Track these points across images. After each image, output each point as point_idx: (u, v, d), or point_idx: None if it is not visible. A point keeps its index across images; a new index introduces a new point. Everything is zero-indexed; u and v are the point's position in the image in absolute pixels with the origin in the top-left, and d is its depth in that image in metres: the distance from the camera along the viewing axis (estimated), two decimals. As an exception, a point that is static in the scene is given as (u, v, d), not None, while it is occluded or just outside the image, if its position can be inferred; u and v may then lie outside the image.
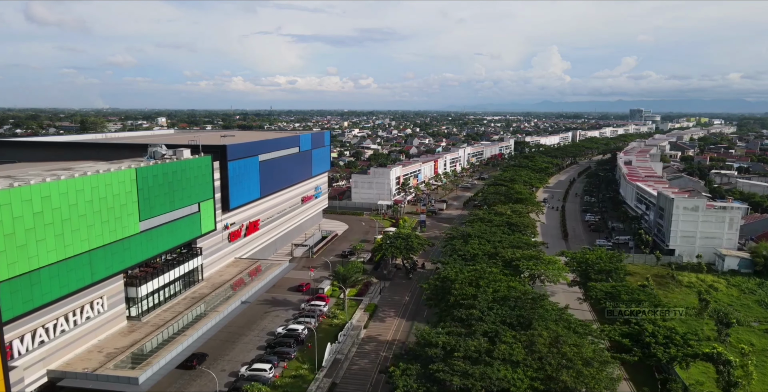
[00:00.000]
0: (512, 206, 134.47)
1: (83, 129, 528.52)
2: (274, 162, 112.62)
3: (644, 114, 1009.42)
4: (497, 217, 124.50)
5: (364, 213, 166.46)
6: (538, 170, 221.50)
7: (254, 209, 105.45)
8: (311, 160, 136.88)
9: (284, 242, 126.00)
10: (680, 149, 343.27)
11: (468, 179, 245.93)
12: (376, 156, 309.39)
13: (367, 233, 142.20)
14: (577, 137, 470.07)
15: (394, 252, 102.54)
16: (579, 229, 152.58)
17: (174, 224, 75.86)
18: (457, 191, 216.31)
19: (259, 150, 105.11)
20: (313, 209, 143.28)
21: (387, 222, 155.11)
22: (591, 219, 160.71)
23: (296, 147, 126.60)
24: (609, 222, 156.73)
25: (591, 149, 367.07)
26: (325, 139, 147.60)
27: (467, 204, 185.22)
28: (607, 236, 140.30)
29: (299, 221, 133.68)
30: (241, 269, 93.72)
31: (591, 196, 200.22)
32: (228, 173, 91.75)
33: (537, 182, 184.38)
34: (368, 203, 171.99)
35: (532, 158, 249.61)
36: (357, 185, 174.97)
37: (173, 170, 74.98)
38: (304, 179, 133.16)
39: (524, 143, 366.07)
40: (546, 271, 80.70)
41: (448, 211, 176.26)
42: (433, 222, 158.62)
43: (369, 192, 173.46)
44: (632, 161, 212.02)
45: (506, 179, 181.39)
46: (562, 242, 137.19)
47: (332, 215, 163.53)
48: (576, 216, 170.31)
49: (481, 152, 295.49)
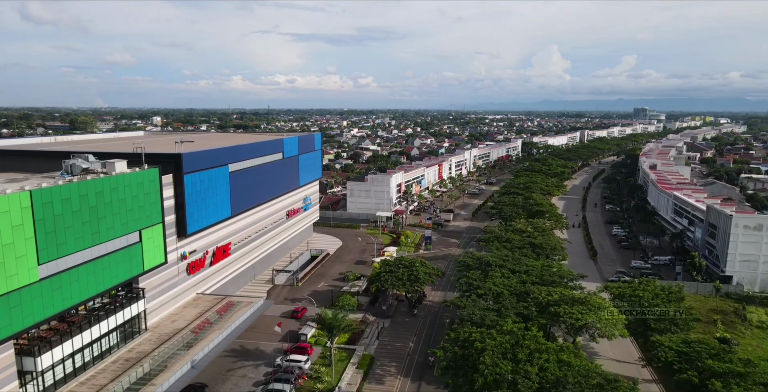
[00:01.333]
0: (532, 222, 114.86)
1: (73, 129, 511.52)
2: (250, 172, 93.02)
3: (648, 113, 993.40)
4: (516, 235, 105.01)
5: (361, 226, 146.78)
6: (552, 175, 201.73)
7: (223, 230, 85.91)
8: (298, 167, 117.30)
9: (266, 266, 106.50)
10: (698, 150, 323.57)
11: (475, 183, 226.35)
12: (375, 158, 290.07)
13: (363, 252, 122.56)
14: (585, 137, 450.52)
15: (395, 284, 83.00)
16: (607, 245, 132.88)
17: (100, 262, 56.33)
18: (464, 197, 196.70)
19: (229, 158, 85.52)
20: (301, 223, 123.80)
21: (386, 237, 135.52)
22: (619, 233, 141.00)
23: (279, 153, 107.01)
24: (640, 237, 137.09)
25: (602, 149, 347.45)
26: (315, 142, 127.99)
27: (476, 214, 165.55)
28: (642, 255, 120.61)
29: (284, 239, 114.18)
30: (203, 309, 74.20)
31: (613, 204, 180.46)
32: (184, 189, 72.19)
33: (554, 189, 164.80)
34: (366, 213, 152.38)
35: (544, 161, 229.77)
36: (353, 193, 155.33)
37: (98, 189, 55.40)
38: (289, 189, 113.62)
39: (532, 143, 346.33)
40: (597, 322, 61.02)
41: (456, 222, 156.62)
42: (440, 237, 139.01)
43: (366, 202, 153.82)
44: (657, 165, 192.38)
45: (520, 186, 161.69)
46: (590, 264, 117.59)
47: (324, 229, 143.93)
48: (600, 229, 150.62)
49: (488, 153, 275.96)
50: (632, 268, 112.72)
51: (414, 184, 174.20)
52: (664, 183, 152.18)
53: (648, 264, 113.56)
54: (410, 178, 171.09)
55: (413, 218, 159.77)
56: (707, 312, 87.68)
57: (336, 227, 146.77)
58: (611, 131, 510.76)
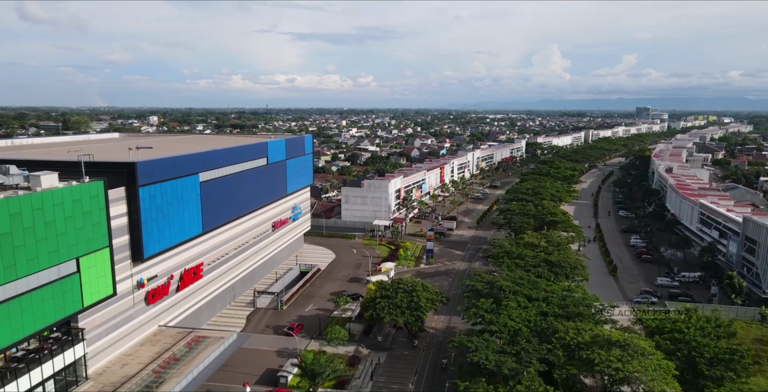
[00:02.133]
0: (546, 234, 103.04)
1: (65, 129, 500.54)
2: (227, 181, 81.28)
3: (651, 112, 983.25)
4: (529, 251, 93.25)
5: (356, 236, 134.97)
6: (561, 179, 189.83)
7: (193, 250, 74.18)
8: (285, 173, 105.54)
9: (249, 284, 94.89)
10: (709, 150, 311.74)
11: (478, 187, 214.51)
12: (373, 159, 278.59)
13: (358, 267, 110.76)
14: (590, 137, 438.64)
15: (392, 313, 71.23)
16: (626, 258, 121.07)
17: (17, 303, 44.64)
18: (468, 202, 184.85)
19: (200, 166, 73.76)
20: (289, 235, 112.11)
21: (384, 249, 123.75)
22: (638, 244, 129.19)
23: (263, 158, 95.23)
24: (662, 249, 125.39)
25: (609, 150, 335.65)
26: (305, 145, 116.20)
27: (482, 221, 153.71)
28: (668, 271, 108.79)
29: (270, 254, 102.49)
30: (163, 347, 62.46)
31: (627, 210, 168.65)
32: (140, 205, 60.44)
33: (566, 194, 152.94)
34: (362, 222, 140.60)
35: (551, 164, 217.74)
36: (348, 200, 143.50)
37: (14, 211, 43.71)
38: (275, 199, 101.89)
39: (536, 144, 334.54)
40: (642, 374, 49.11)
41: (459, 231, 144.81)
42: (442, 248, 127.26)
43: (362, 209, 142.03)
44: (673, 168, 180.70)
45: (528, 192, 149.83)
46: (610, 281, 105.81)
47: (317, 239, 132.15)
48: (616, 239, 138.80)
49: (491, 155, 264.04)
50: (658, 286, 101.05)
51: (414, 189, 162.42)
52: (685, 189, 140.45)
53: (675, 282, 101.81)
54: (410, 183, 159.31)
55: (413, 226, 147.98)
56: (752, 343, 75.96)
57: (329, 237, 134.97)
58: (616, 131, 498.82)
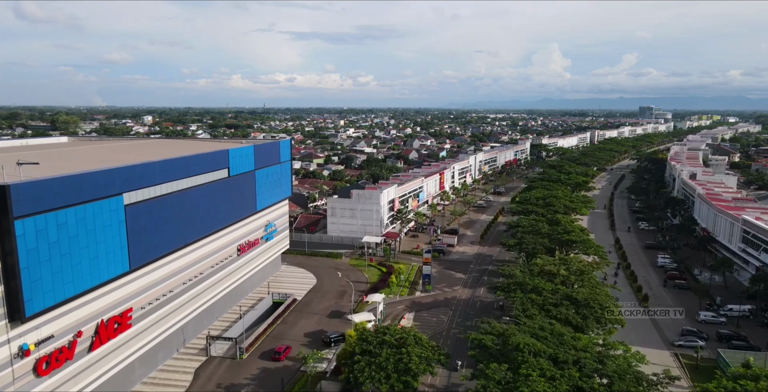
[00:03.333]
0: (565, 260, 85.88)
1: (53, 128, 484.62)
2: (167, 202, 64.24)
3: (654, 112, 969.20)
4: (548, 283, 76.21)
5: (343, 255, 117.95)
6: (573, 185, 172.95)
7: (115, 294, 57.03)
8: (254, 186, 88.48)
9: (205, 323, 78.02)
10: (724, 152, 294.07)
11: (481, 194, 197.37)
12: (369, 162, 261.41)
13: (342, 296, 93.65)
14: (596, 138, 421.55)
15: (375, 377, 54.23)
16: (655, 283, 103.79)
17: None
18: (470, 211, 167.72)
19: (123, 184, 56.62)
20: (262, 257, 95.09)
21: (374, 272, 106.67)
22: (668, 265, 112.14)
23: (223, 169, 78.18)
24: (695, 271, 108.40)
25: (618, 152, 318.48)
26: (280, 152, 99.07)
27: (486, 235, 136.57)
28: (709, 302, 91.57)
29: (236, 283, 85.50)
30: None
31: (648, 222, 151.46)
32: (16, 244, 43.42)
33: (581, 206, 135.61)
34: (350, 237, 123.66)
35: (561, 168, 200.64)
36: (334, 212, 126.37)
37: None
38: (240, 217, 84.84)
39: (541, 145, 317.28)
40: None
41: (461, 247, 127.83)
42: (441, 269, 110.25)
43: (351, 223, 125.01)
44: (697, 174, 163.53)
45: (538, 203, 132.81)
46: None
47: (298, 259, 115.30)
48: (640, 257, 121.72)
49: (495, 158, 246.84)
50: (701, 322, 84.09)
51: (411, 198, 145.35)
52: (718, 200, 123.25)
53: (722, 317, 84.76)
54: (406, 191, 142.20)
55: (409, 242, 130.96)
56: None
57: (312, 255, 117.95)
58: (621, 131, 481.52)
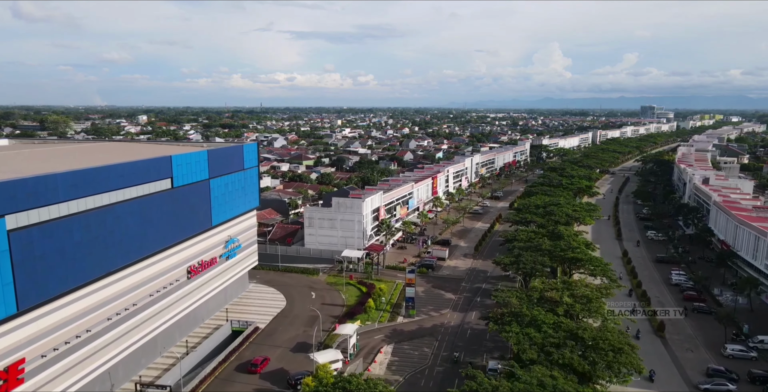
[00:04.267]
0: (569, 284, 73.70)
1: (42, 128, 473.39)
2: (76, 223, 52.14)
3: (656, 111, 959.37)
4: (549, 315, 64.15)
5: (320, 271, 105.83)
6: (576, 191, 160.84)
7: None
8: (209, 198, 76.46)
9: (143, 362, 65.95)
10: (733, 153, 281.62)
11: (478, 198, 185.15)
12: (361, 164, 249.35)
13: (312, 323, 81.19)
14: (598, 138, 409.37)
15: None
16: (671, 306, 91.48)
17: None
18: (465, 219, 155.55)
19: (4, 204, 44.56)
20: (222, 278, 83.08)
21: (353, 292, 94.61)
22: (683, 283, 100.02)
23: (164, 179, 66.09)
24: (715, 291, 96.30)
25: (622, 153, 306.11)
26: (245, 157, 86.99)
27: (481, 247, 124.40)
28: (736, 331, 79.35)
29: (185, 310, 73.46)
30: None
31: (657, 231, 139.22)
32: None
33: (585, 214, 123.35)
34: (329, 250, 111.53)
35: (562, 171, 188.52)
36: (312, 223, 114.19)
37: None
38: (189, 235, 72.75)
39: (542, 146, 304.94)
40: None
41: (453, 261, 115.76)
42: (429, 289, 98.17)
43: (330, 235, 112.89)
44: (710, 179, 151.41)
45: (537, 210, 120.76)
46: (656, 343, 76.77)
47: (270, 275, 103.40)
48: (651, 272, 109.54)
49: (492, 160, 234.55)
50: (728, 357, 72.04)
51: (399, 206, 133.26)
52: (738, 209, 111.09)
53: (752, 353, 72.63)
54: (393, 199, 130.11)
55: (396, 254, 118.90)
56: None
57: (286, 271, 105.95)
58: (624, 131, 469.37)
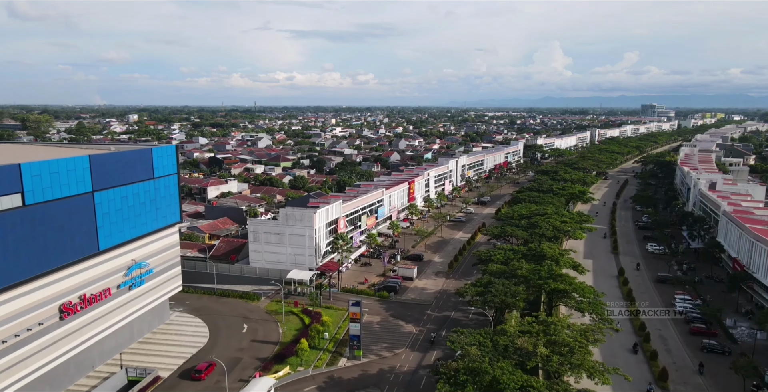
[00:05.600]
0: (547, 326, 57.85)
1: (24, 128, 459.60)
2: None
3: (657, 110, 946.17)
4: (516, 374, 48.50)
5: (262, 296, 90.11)
6: (569, 197, 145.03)
7: None
8: (93, 215, 60.70)
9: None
10: (739, 154, 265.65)
11: (462, 204, 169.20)
12: (343, 165, 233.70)
13: (232, 370, 65.43)
14: (596, 137, 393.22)
15: None
16: (675, 341, 75.97)
17: None
18: (444, 228, 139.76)
19: None
20: (123, 312, 67.38)
21: (294, 322, 78.91)
22: (688, 311, 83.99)
23: (10, 195, 50.41)
24: (727, 322, 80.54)
25: (621, 154, 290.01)
26: (155, 163, 71.16)
27: (457, 264, 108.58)
28: (756, 382, 63.41)
29: (59, 358, 57.76)
30: None
31: (658, 244, 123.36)
32: None
33: (576, 227, 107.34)
34: (278, 269, 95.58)
35: (555, 174, 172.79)
36: (257, 238, 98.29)
37: None
38: (57, 265, 56.93)
39: (536, 146, 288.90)
40: None
41: (423, 281, 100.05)
42: (387, 318, 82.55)
43: (279, 252, 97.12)
44: (717, 184, 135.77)
45: (521, 223, 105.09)
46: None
47: (204, 300, 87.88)
48: (651, 295, 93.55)
49: (481, 161, 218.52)
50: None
51: (366, 215, 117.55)
52: (752, 221, 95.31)
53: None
54: (358, 207, 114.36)
55: (358, 273, 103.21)
56: None
57: (222, 296, 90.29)
58: (623, 130, 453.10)
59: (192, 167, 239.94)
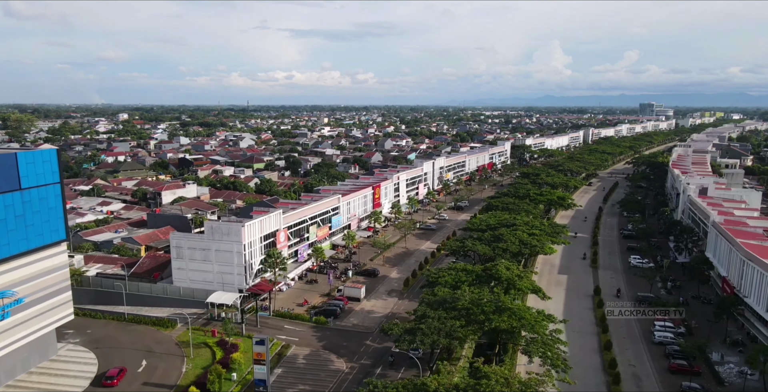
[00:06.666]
0: (480, 375, 45.80)
1: (4, 128, 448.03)
2: None
3: (656, 108, 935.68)
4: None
5: (179, 323, 78.11)
6: (549, 204, 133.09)
7: None
8: None
9: None
10: (736, 155, 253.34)
11: (436, 210, 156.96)
12: (319, 167, 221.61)
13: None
14: (590, 137, 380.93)
15: None
16: (651, 384, 63.89)
17: None
18: (411, 237, 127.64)
19: None
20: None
21: (203, 356, 66.91)
22: (668, 342, 72.03)
23: None
24: (712, 355, 68.52)
25: (612, 154, 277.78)
26: (20, 171, 59.18)
27: (414, 281, 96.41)
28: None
29: None
30: None
31: (643, 256, 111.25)
32: None
33: (546, 239, 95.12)
34: (204, 290, 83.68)
35: (536, 178, 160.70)
36: (181, 254, 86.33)
37: None
38: None
39: (524, 147, 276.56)
40: None
41: (372, 301, 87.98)
42: (317, 352, 70.47)
43: (205, 269, 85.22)
44: (709, 189, 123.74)
45: (484, 236, 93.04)
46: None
47: (111, 327, 75.87)
48: (628, 322, 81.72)
49: (462, 162, 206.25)
50: None
51: (315, 226, 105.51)
52: (744, 235, 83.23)
53: None
54: (306, 217, 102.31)
55: (301, 292, 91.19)
56: None
57: (134, 322, 78.32)
58: (619, 130, 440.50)
59: (160, 169, 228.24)
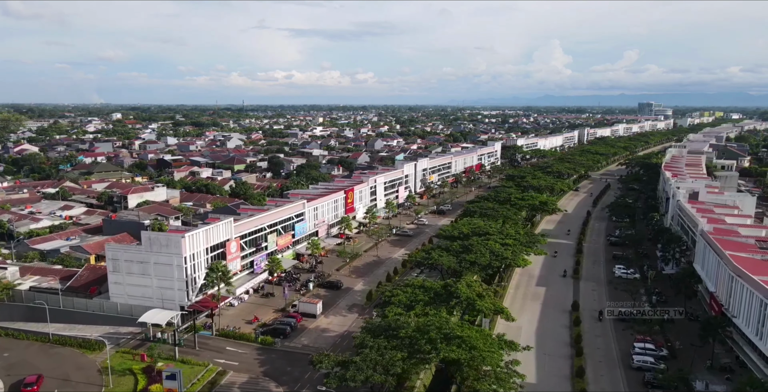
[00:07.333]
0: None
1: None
2: None
3: (654, 108, 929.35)
4: None
5: (108, 344, 70.74)
6: (533, 209, 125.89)
7: None
8: None
9: None
10: (732, 155, 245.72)
11: (416, 215, 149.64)
12: (302, 169, 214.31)
13: None
14: (585, 137, 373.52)
15: None
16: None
17: None
18: (385, 244, 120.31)
19: None
20: None
21: (125, 388, 59.63)
22: (647, 367, 64.94)
23: None
24: (696, 385, 61.16)
25: (606, 155, 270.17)
26: None
27: (378, 293, 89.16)
28: None
29: None
30: None
31: (628, 267, 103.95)
32: None
33: (521, 250, 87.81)
34: (142, 306, 76.45)
35: (521, 180, 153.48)
36: (118, 267, 79.11)
37: None
38: None
39: (515, 147, 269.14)
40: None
41: (330, 318, 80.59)
42: (257, 378, 63.18)
43: (143, 284, 77.96)
44: (700, 193, 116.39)
45: (454, 245, 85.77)
46: None
47: (32, 350, 68.56)
48: (607, 343, 74.53)
49: (448, 164, 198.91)
50: None
51: (275, 234, 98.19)
52: (734, 246, 75.91)
53: None
54: (263, 225, 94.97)
55: (254, 307, 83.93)
56: None
57: (58, 343, 71.00)
58: (615, 129, 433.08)
59: (138, 170, 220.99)
